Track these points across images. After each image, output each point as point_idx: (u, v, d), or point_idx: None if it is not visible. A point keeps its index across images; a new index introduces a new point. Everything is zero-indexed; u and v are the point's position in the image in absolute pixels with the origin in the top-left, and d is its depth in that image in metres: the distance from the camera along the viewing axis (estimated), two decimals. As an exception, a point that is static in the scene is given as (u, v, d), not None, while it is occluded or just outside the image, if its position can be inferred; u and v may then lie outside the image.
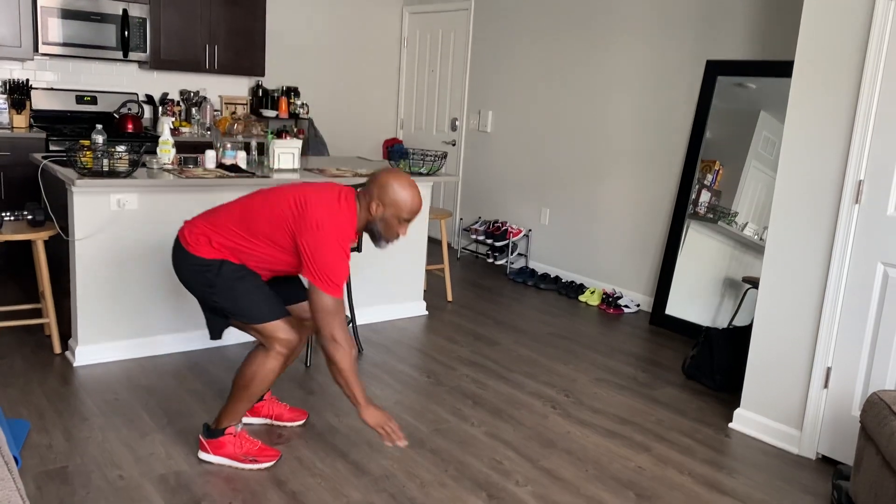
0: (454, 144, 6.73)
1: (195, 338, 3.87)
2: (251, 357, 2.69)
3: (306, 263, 2.51)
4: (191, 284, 2.69)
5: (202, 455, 2.76)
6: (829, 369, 3.04)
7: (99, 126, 3.88)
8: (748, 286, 4.37)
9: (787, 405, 3.18)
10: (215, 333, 2.78)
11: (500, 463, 2.90)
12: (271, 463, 2.75)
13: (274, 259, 2.64)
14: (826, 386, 3.06)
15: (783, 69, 4.18)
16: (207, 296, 2.66)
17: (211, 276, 2.61)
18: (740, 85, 4.53)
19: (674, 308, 4.75)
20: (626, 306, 5.09)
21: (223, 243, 2.62)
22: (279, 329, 2.63)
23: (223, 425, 2.74)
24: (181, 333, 3.83)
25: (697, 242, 4.67)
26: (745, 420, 3.33)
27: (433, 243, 6.41)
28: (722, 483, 2.86)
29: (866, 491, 2.40)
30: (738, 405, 3.45)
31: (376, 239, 2.67)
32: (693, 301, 4.66)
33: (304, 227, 2.51)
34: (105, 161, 3.42)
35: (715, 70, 4.64)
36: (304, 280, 2.58)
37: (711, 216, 4.60)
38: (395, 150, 4.60)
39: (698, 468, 2.96)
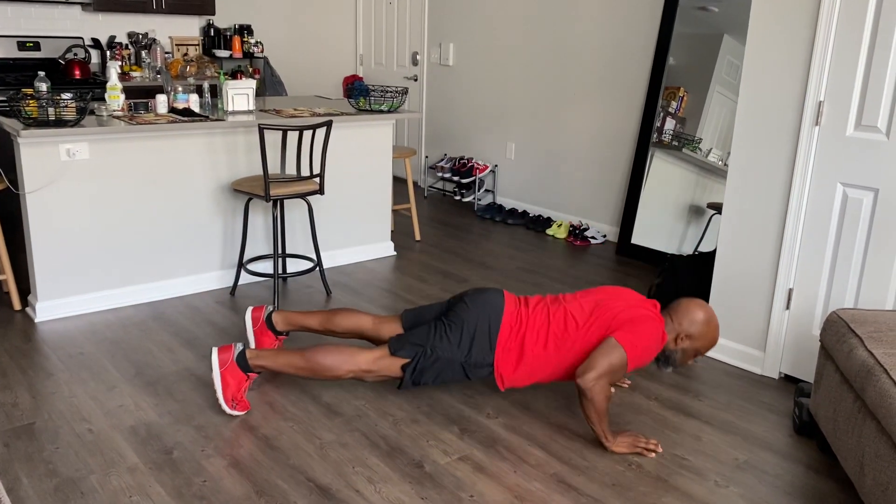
0: (416, 80, 6.59)
1: (158, 288, 3.81)
2: (343, 352, 2.69)
3: (622, 326, 2.56)
4: (458, 330, 2.69)
5: (214, 359, 2.69)
6: (790, 291, 3.09)
7: (42, 73, 3.72)
8: (713, 212, 4.40)
9: (751, 327, 3.25)
10: (395, 348, 2.73)
11: (471, 397, 2.93)
12: (243, 413, 2.75)
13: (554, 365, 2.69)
14: (788, 307, 3.11)
15: (745, -10, 4.11)
16: (445, 348, 2.68)
17: (465, 357, 2.67)
18: (703, 8, 4.46)
19: (640, 237, 4.78)
20: (593, 237, 5.12)
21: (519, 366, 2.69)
22: (389, 367, 2.70)
23: (257, 364, 2.72)
24: (144, 284, 3.77)
25: (662, 171, 4.68)
26: (710, 344, 3.39)
27: (399, 182, 6.34)
28: (688, 406, 2.92)
29: (826, 406, 2.47)
30: (703, 330, 3.50)
31: (665, 364, 2.72)
32: (659, 229, 4.69)
33: (629, 317, 2.60)
34: (51, 110, 3.28)
35: (677, -6, 4.56)
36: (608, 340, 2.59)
37: (676, 144, 4.59)
38: (355, 88, 4.47)
39: (665, 392, 3.03)
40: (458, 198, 6.12)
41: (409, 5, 6.53)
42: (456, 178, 6.01)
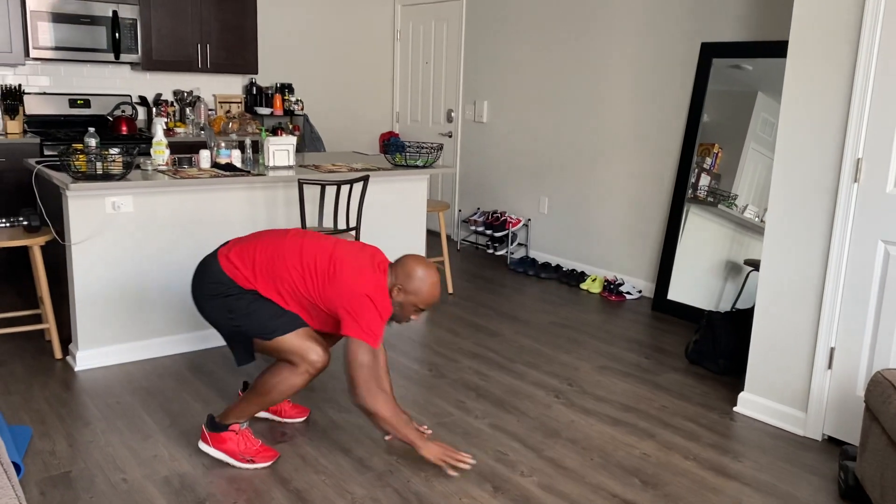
0: (451, 136, 6.70)
1: (195, 338, 3.86)
2: (277, 368, 2.67)
3: (345, 319, 2.56)
4: (209, 307, 2.68)
5: (202, 445, 2.77)
6: (832, 350, 3.02)
7: (91, 129, 3.86)
8: (750, 269, 4.34)
9: (792, 387, 3.17)
10: (241, 359, 2.75)
11: (505, 454, 2.89)
12: (269, 463, 2.74)
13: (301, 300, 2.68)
14: (830, 367, 3.04)
15: (779, 49, 4.14)
16: (226, 319, 2.66)
17: (231, 301, 2.63)
18: (737, 67, 4.49)
19: (676, 293, 4.73)
20: (628, 293, 5.07)
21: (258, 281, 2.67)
22: (309, 350, 2.63)
23: (228, 421, 2.73)
24: (181, 335, 3.82)
25: (698, 226, 4.65)
26: (749, 403, 3.31)
27: (432, 236, 6.39)
28: (727, 467, 2.84)
29: (873, 470, 2.38)
30: (742, 389, 3.43)
31: (390, 318, 2.74)
32: (695, 285, 4.64)
33: (341, 291, 2.57)
34: (99, 164, 3.40)
35: (710, 52, 4.60)
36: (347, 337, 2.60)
37: (711, 200, 4.58)
38: (391, 144, 4.57)
39: (703, 453, 2.95)
40: (490, 251, 6.14)
41: (445, 64, 6.69)
42: (489, 232, 6.04)
